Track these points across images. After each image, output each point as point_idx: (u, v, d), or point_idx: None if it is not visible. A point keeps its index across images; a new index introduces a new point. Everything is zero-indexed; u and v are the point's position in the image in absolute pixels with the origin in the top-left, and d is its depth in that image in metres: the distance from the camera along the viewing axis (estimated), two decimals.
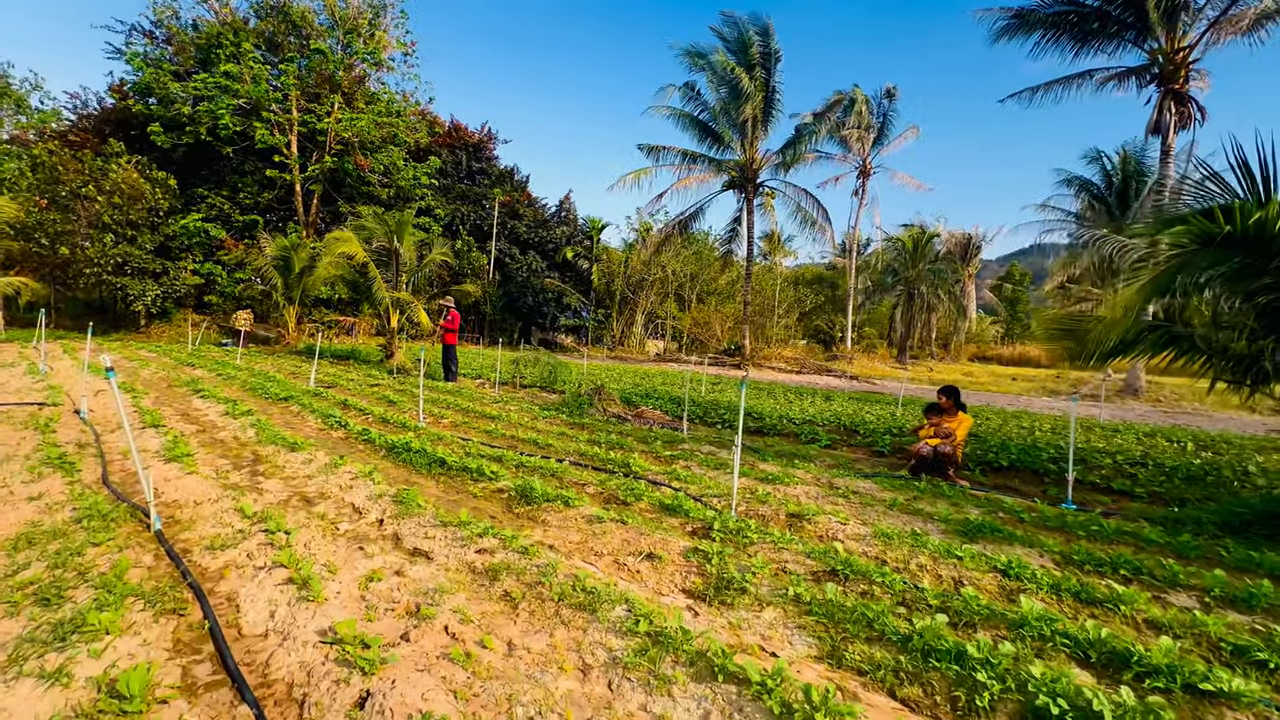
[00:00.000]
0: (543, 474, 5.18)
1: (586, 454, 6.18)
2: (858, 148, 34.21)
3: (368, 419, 7.79)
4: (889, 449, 7.39)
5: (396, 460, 5.51)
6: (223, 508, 3.92)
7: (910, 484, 5.53)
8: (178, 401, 8.38)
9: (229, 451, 5.72)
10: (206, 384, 9.79)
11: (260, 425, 6.57)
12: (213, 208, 24.16)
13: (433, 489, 4.66)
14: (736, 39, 21.88)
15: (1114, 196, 35.56)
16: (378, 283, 15.58)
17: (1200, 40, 15.16)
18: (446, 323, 13.29)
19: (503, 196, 35.58)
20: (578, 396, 10.32)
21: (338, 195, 27.32)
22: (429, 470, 5.13)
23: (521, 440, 6.85)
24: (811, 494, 5.01)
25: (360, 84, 26.79)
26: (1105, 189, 35.99)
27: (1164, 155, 15.97)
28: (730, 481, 5.27)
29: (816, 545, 3.64)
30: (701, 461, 6.07)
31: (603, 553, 3.39)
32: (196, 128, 23.04)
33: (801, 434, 8.19)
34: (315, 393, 9.71)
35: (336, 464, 5.01)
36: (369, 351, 19.48)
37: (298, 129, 25.27)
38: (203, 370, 12.23)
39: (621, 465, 5.66)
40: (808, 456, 6.84)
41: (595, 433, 7.55)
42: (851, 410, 10.67)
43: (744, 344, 25.32)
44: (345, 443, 6.32)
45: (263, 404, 8.47)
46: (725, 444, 7.32)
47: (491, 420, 8.30)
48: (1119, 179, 35.13)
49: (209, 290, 24.37)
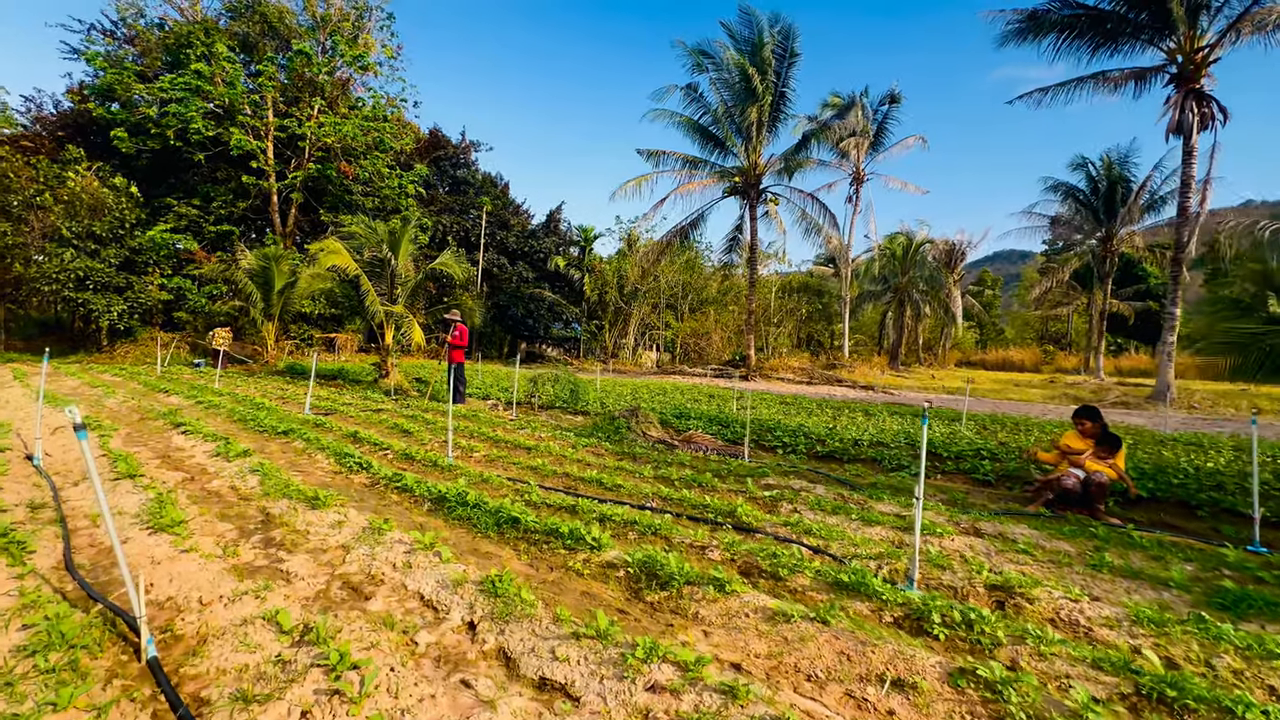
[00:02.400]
0: (640, 531, 4.12)
1: (670, 497, 5.13)
2: (854, 154, 33.94)
3: (386, 456, 6.62)
4: (993, 476, 6.50)
5: (450, 518, 4.39)
6: (244, 613, 2.78)
7: (1069, 526, 4.62)
8: (155, 439, 7.08)
9: (230, 510, 4.54)
10: (187, 415, 8.47)
11: (263, 471, 5.37)
12: (182, 218, 22.49)
13: (517, 564, 3.56)
14: (748, 38, 21.20)
15: (1100, 202, 35.99)
16: (371, 296, 14.32)
17: (1221, 39, 14.92)
18: (454, 338, 12.10)
19: (489, 206, 34.37)
20: (612, 419, 9.26)
21: (318, 204, 25.84)
22: (499, 533, 4.03)
23: (580, 479, 5.77)
24: (978, 548, 4.05)
25: (344, 88, 25.46)
26: (1091, 195, 36.41)
27: (1186, 156, 15.67)
28: (870, 532, 4.31)
29: (1083, 644, 2.67)
30: (809, 503, 5.07)
31: (819, 677, 2.36)
32: (164, 132, 21.43)
33: (882, 460, 7.27)
34: (315, 422, 8.46)
35: (379, 529, 3.88)
36: (358, 370, 18.09)
37: (275, 134, 23.81)
38: (179, 397, 10.82)
39: (725, 514, 4.64)
40: (910, 490, 5.89)
41: (655, 465, 6.50)
42: (911, 429, 9.80)
43: (749, 354, 24.49)
44: (373, 491, 5.17)
45: (258, 439, 7.22)
46: (802, 474, 6.35)
47: (528, 451, 7.21)
48: (1105, 185, 35.55)
49: (178, 306, 22.63)
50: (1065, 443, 5.63)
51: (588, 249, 38.35)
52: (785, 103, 22.42)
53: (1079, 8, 16.49)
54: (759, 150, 23.17)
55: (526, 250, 36.24)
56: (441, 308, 20.25)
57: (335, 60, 24.13)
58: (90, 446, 3.63)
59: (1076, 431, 5.63)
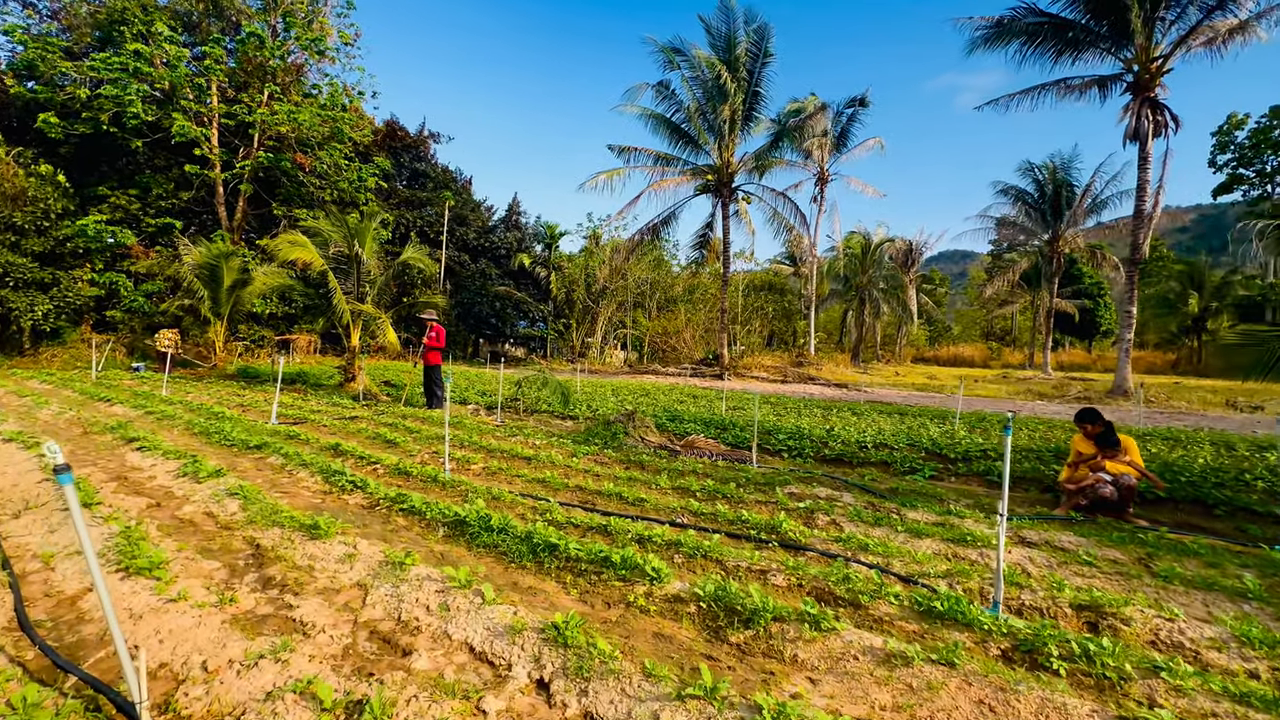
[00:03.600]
0: (688, 555, 3.79)
1: (701, 512, 4.82)
2: (817, 155, 34.40)
3: (376, 471, 6.06)
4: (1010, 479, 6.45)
5: (473, 545, 3.93)
6: (265, 682, 2.31)
7: (1116, 533, 4.53)
8: (106, 457, 6.28)
9: (212, 543, 3.96)
10: (139, 428, 7.61)
11: (243, 493, 4.77)
12: (118, 209, 20.70)
13: (567, 601, 3.17)
14: (723, 33, 21.06)
15: (1047, 204, 37.73)
16: (338, 295, 13.45)
17: (1174, 50, 15.65)
18: (430, 339, 11.45)
19: (451, 200, 33.23)
20: (608, 424, 8.88)
21: (270, 197, 24.30)
22: (536, 562, 3.61)
23: (596, 493, 5.39)
24: (1039, 560, 3.89)
25: (298, 74, 23.98)
26: (1039, 198, 38.09)
27: (1142, 161, 16.40)
28: (921, 546, 4.10)
29: (1213, 675, 2.49)
30: (847, 514, 4.84)
31: None
32: (97, 115, 19.63)
33: (894, 463, 7.15)
34: (287, 434, 7.75)
35: (399, 562, 3.41)
36: (319, 373, 17.04)
37: (222, 121, 22.22)
38: (124, 407, 9.81)
39: (766, 529, 4.35)
40: (934, 495, 5.77)
41: (669, 475, 6.17)
42: (907, 428, 9.79)
43: (723, 353, 24.44)
44: (374, 515, 4.65)
45: (226, 455, 6.51)
46: (820, 480, 6.15)
47: (528, 462, 6.77)
48: (1050, 189, 37.27)
49: (112, 304, 20.85)
50: (1076, 449, 5.60)
51: (553, 246, 37.63)
52: (758, 101, 22.44)
53: (1043, 16, 17.03)
54: (732, 148, 23.11)
55: (488, 246, 35.26)
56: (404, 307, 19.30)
57: (289, 44, 22.69)
58: (36, 471, 3.00)
59: (1082, 434, 5.60)
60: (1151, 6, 15.33)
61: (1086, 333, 62.38)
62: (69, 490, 1.82)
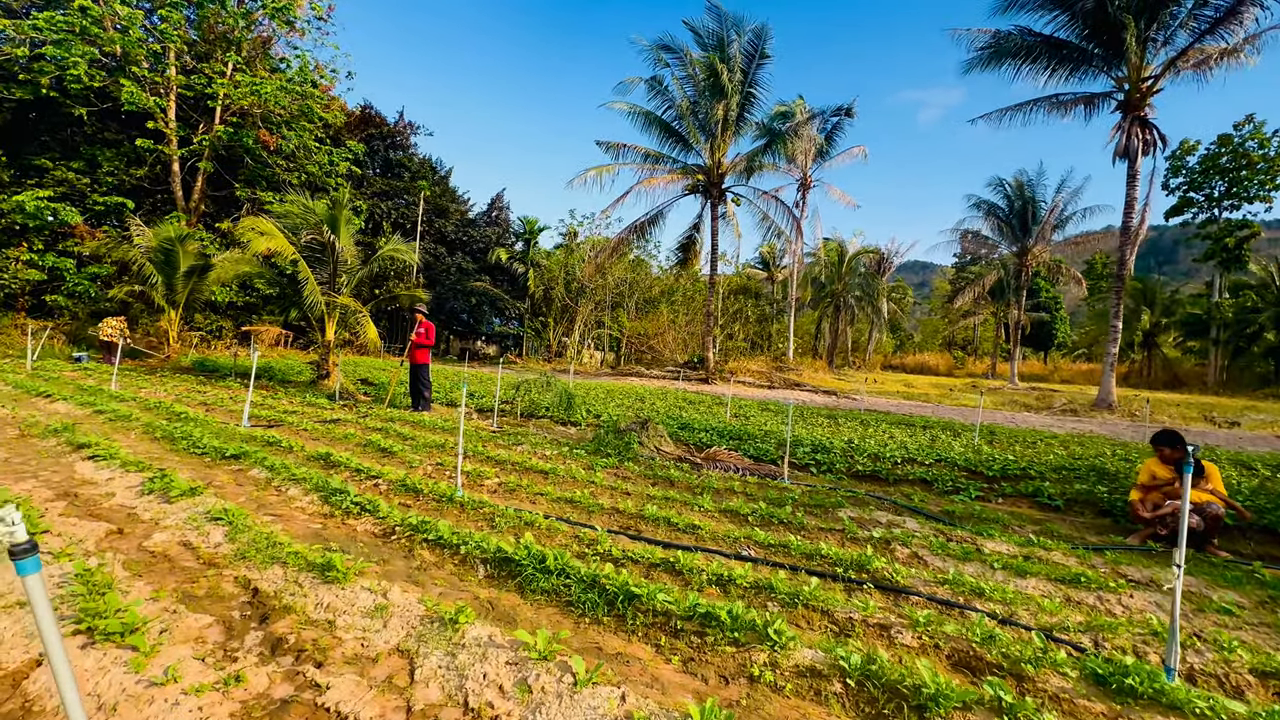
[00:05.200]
0: (783, 602, 3.21)
1: (769, 544, 4.24)
2: (801, 160, 34.41)
3: (378, 486, 5.29)
4: (1061, 500, 6.12)
5: (528, 591, 3.25)
6: None
7: (1232, 570, 4.17)
8: (49, 467, 5.31)
9: (195, 586, 3.18)
10: (87, 430, 6.59)
11: (228, 517, 3.97)
12: (61, 183, 18.91)
13: (670, 672, 2.54)
14: (715, 33, 20.63)
15: (1015, 219, 38.79)
16: (310, 285, 12.42)
17: (1164, 71, 15.96)
18: (419, 335, 10.58)
19: (427, 190, 31.91)
20: (619, 433, 8.24)
21: (232, 178, 22.71)
22: (615, 615, 2.97)
23: (638, 517, 4.78)
24: (1168, 607, 3.47)
25: (265, 47, 22.45)
26: (1009, 213, 39.10)
27: (1130, 179, 16.69)
28: (1028, 587, 3.64)
29: None
30: (928, 546, 4.34)
31: None
32: (36, 79, 17.89)
33: (933, 482, 6.74)
34: (265, 439, 6.85)
35: (449, 619, 2.72)
36: (286, 369, 15.84)
37: (180, 92, 20.60)
38: (68, 403, 8.64)
39: (853, 566, 3.81)
40: (995, 520, 5.36)
41: (712, 496, 5.59)
42: (925, 442, 9.46)
43: (708, 357, 24.03)
44: (391, 546, 3.91)
45: (198, 466, 5.62)
46: (871, 503, 5.69)
47: (545, 476, 6.09)
48: (1019, 204, 38.34)
49: (52, 289, 19.05)
50: (1151, 472, 5.27)
51: (533, 242, 36.63)
52: (752, 103, 22.10)
53: (1037, 35, 17.18)
54: (724, 149, 22.72)
55: (465, 240, 34.06)
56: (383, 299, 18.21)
57: (255, 14, 21.21)
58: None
59: (1158, 459, 5.28)
60: (1145, 26, 15.59)
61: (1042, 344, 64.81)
62: (34, 587, 1.11)
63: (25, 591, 1.12)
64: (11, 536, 1.06)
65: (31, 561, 1.09)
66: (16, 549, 1.07)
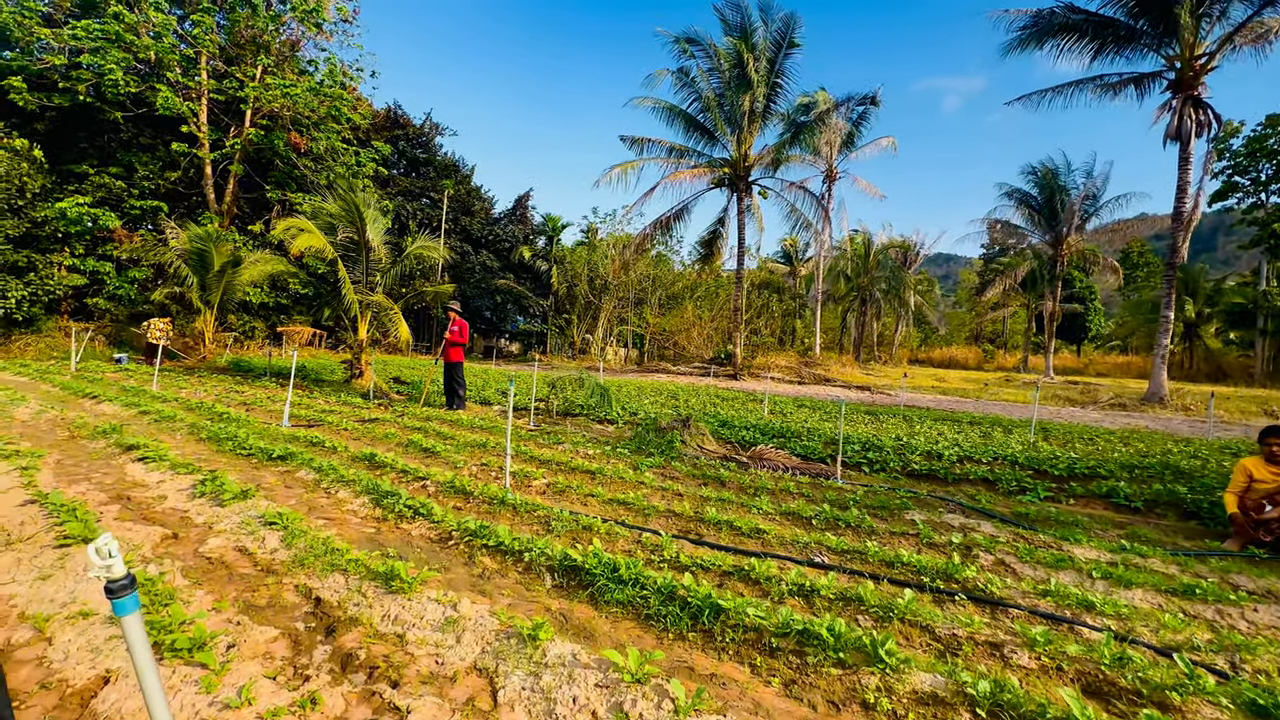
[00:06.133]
0: (877, 616, 2.97)
1: (844, 550, 4.00)
2: (826, 152, 33.75)
3: (426, 488, 5.17)
4: (1140, 501, 5.75)
5: (601, 602, 3.07)
6: None
7: None
8: (100, 469, 5.29)
9: (255, 594, 3.06)
10: (134, 431, 6.60)
11: (282, 522, 3.86)
12: (100, 188, 19.32)
13: (771, 696, 2.32)
14: (739, 24, 20.23)
15: (1049, 208, 37.58)
16: (346, 284, 12.44)
17: (1220, 47, 15.16)
18: (453, 334, 10.51)
19: (451, 189, 32.04)
20: (660, 431, 8.05)
21: (262, 180, 23.00)
22: (702, 631, 2.76)
23: (697, 520, 4.56)
24: None
25: (293, 49, 22.67)
26: (1042, 201, 37.89)
27: (1183, 162, 15.91)
28: (1135, 598, 3.34)
29: None
30: (1011, 551, 4.06)
31: None
32: (75, 86, 18.28)
33: (996, 482, 6.41)
34: (309, 440, 6.80)
35: (528, 635, 2.55)
36: (319, 368, 15.97)
37: (211, 96, 20.90)
38: (111, 404, 8.74)
39: (940, 575, 3.55)
40: (1073, 523, 5.04)
41: (771, 497, 5.36)
42: (978, 439, 9.07)
43: (735, 352, 23.69)
44: (450, 552, 3.76)
45: (245, 467, 5.56)
46: (932, 504, 5.41)
47: (591, 477, 5.91)
48: (1051, 192, 37.13)
49: (94, 292, 19.51)
50: (1248, 472, 4.88)
51: (555, 239, 36.59)
52: (779, 94, 21.66)
53: (1082, 13, 16.46)
54: (750, 141, 22.31)
55: (490, 238, 34.14)
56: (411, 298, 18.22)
57: (284, 16, 21.40)
58: (18, 489, 2.21)
59: (1263, 457, 4.89)
60: (1198, 1, 14.81)
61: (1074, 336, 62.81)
62: (132, 629, 0.94)
63: (123, 633, 0.96)
64: (109, 571, 0.90)
65: (130, 599, 0.93)
66: (114, 585, 0.91)
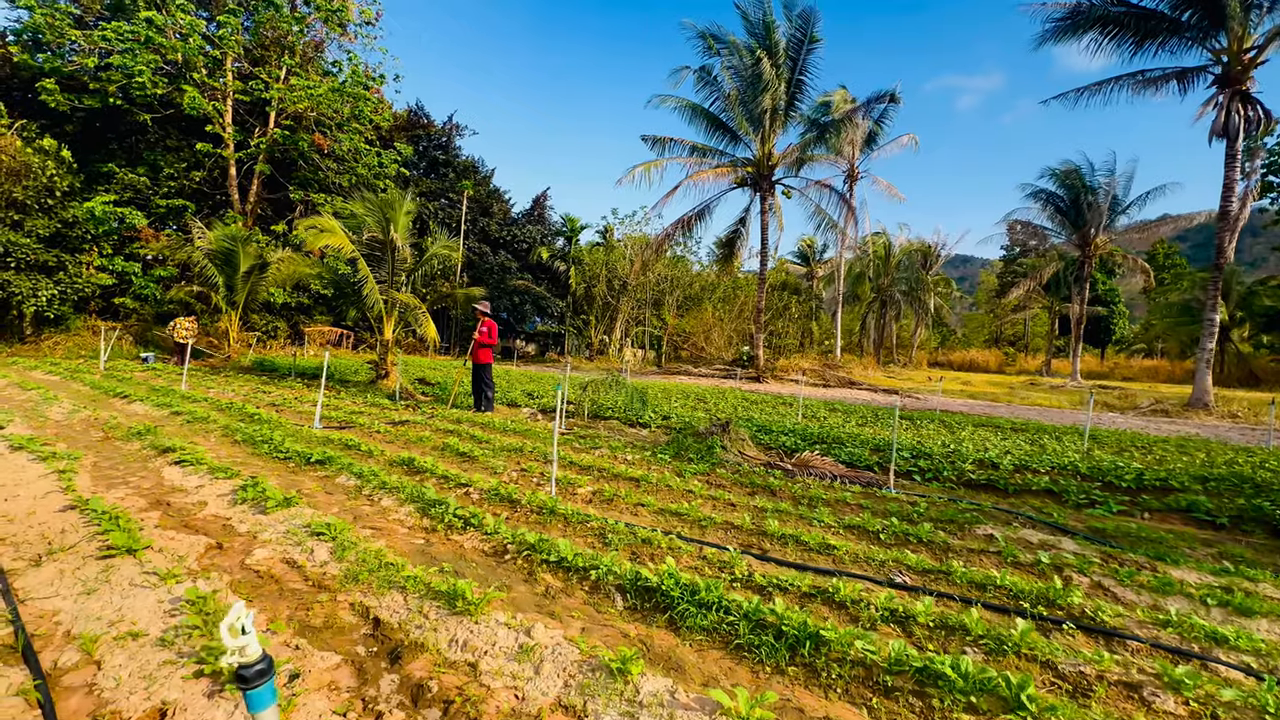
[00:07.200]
0: (989, 650, 2.69)
1: (924, 569, 3.72)
2: (848, 151, 33.25)
3: (469, 495, 4.96)
4: (1224, 518, 5.38)
5: (682, 629, 2.82)
6: None
7: None
8: (137, 472, 5.16)
9: (311, 614, 2.85)
10: (168, 432, 6.49)
11: (330, 533, 3.67)
12: (127, 187, 19.49)
13: None
14: (760, 20, 19.93)
15: (1075, 208, 36.74)
16: (370, 284, 12.36)
17: (1269, 41, 14.58)
18: (482, 334, 10.33)
19: (471, 190, 32.04)
20: (699, 436, 7.79)
21: (286, 180, 23.11)
22: (803, 665, 2.51)
23: (758, 533, 4.31)
24: None
25: (317, 50, 22.76)
26: (1069, 202, 37.07)
27: (1229, 160, 15.34)
28: (1259, 629, 3.02)
29: None
30: (1105, 573, 3.75)
31: None
32: (104, 88, 18.44)
33: (1064, 494, 6.06)
34: (344, 443, 6.64)
35: (617, 668, 2.31)
36: (345, 368, 15.92)
37: (237, 97, 21.01)
38: (143, 404, 8.67)
39: (1041, 601, 3.26)
40: (1157, 539, 4.70)
41: (831, 509, 5.09)
42: (1029, 446, 8.70)
43: (757, 354, 23.35)
44: (508, 567, 3.54)
45: (283, 472, 5.40)
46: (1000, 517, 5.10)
47: (636, 485, 5.67)
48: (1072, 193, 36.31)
49: (121, 291, 19.68)
50: None
51: (574, 240, 36.47)
52: (802, 91, 21.31)
53: (1123, 5, 15.95)
54: (772, 140, 21.99)
55: (509, 238, 34.09)
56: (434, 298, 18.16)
57: (308, 17, 21.48)
58: (57, 493, 2.01)
59: None
60: None
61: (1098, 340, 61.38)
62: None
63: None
64: (242, 653, 0.67)
65: (266, 690, 0.70)
66: (247, 671, 0.68)
